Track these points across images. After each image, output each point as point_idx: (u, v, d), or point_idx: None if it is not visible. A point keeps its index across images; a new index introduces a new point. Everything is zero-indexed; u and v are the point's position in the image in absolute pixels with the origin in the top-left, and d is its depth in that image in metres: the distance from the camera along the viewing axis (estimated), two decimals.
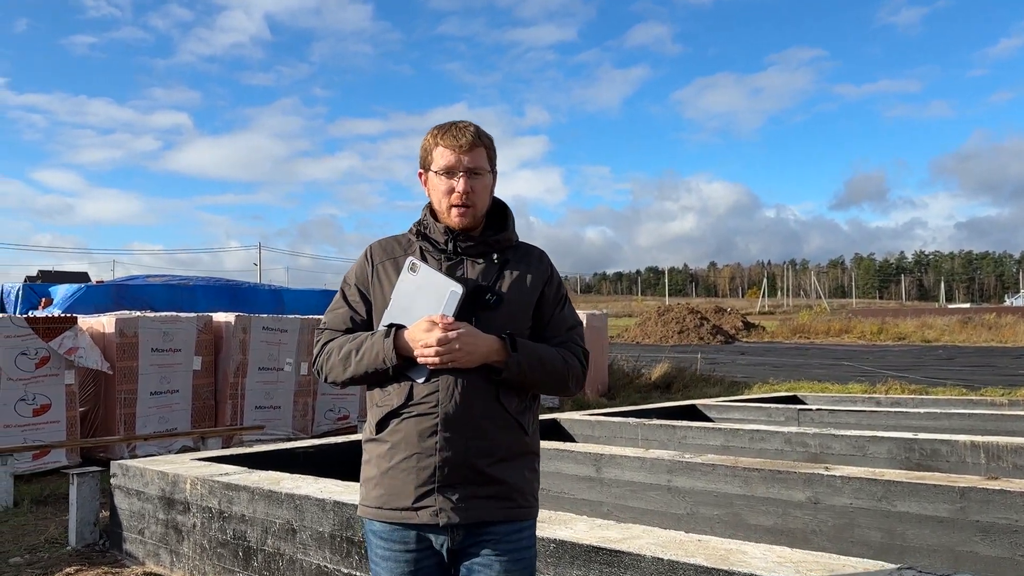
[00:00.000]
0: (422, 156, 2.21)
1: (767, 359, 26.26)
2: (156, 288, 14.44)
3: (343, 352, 2.13)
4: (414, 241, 2.20)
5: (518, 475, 2.11)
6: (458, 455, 2.03)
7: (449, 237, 2.14)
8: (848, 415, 8.47)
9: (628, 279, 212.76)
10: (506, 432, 2.09)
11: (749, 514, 4.76)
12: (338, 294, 2.27)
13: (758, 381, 16.74)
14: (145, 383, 9.50)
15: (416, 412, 2.05)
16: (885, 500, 4.29)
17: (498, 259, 2.17)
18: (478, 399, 2.05)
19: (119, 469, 5.64)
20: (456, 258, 2.14)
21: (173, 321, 9.96)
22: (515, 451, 2.11)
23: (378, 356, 2.06)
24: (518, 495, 2.10)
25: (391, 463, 2.07)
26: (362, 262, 2.25)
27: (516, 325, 2.12)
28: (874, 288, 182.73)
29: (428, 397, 2.05)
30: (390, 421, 2.09)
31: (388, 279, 2.17)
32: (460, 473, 2.03)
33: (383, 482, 2.09)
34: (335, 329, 2.22)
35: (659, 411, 9.11)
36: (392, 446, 2.08)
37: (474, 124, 2.18)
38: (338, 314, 2.24)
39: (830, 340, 40.09)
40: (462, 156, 2.12)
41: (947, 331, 39.44)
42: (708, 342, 36.20)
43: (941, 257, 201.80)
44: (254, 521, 4.52)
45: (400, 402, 2.07)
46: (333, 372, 2.16)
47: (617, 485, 5.37)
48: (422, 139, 2.23)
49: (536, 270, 2.20)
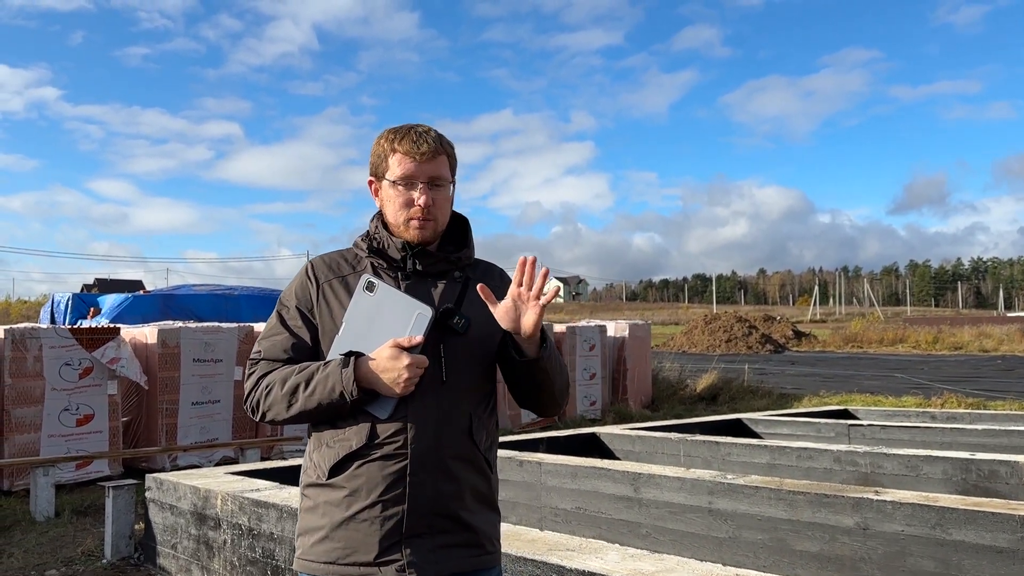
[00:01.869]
0: (374, 162, 1.97)
1: (817, 370, 25.68)
2: (201, 298, 14.63)
3: (288, 385, 1.83)
4: (363, 257, 1.96)
5: (485, 519, 1.91)
6: (428, 501, 1.81)
7: (407, 253, 1.92)
8: (901, 431, 8.15)
9: (675, 286, 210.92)
10: (475, 473, 1.88)
11: (794, 539, 4.54)
12: (273, 318, 1.97)
13: (808, 393, 16.33)
14: (187, 393, 9.56)
15: (381, 454, 1.80)
16: (939, 528, 4.04)
17: (459, 278, 1.95)
18: (451, 437, 1.84)
19: (153, 483, 5.63)
20: (414, 277, 1.92)
21: (214, 331, 10.01)
22: (483, 493, 1.91)
23: (334, 389, 1.78)
24: (486, 541, 1.90)
25: (348, 512, 1.81)
26: (303, 281, 1.96)
27: (485, 351, 1.91)
28: (929, 295, 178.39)
29: (395, 437, 1.80)
30: (348, 465, 1.81)
31: (337, 300, 1.91)
32: (428, 521, 1.81)
33: (337, 535, 1.82)
34: (273, 359, 1.91)
35: (703, 426, 8.88)
36: (350, 493, 1.81)
37: (434, 128, 1.96)
38: (276, 341, 1.92)
39: (883, 349, 39.13)
40: (423, 165, 1.90)
41: (1006, 340, 38.20)
42: (757, 351, 35.59)
43: (1000, 263, 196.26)
44: (283, 540, 4.45)
45: (361, 443, 1.81)
46: (274, 409, 1.85)
47: (656, 506, 5.18)
48: (374, 143, 1.98)
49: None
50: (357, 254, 1.99)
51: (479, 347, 1.90)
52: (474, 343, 1.89)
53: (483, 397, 1.96)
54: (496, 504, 1.97)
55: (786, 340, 41.22)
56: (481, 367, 1.94)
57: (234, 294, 15.63)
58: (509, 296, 1.83)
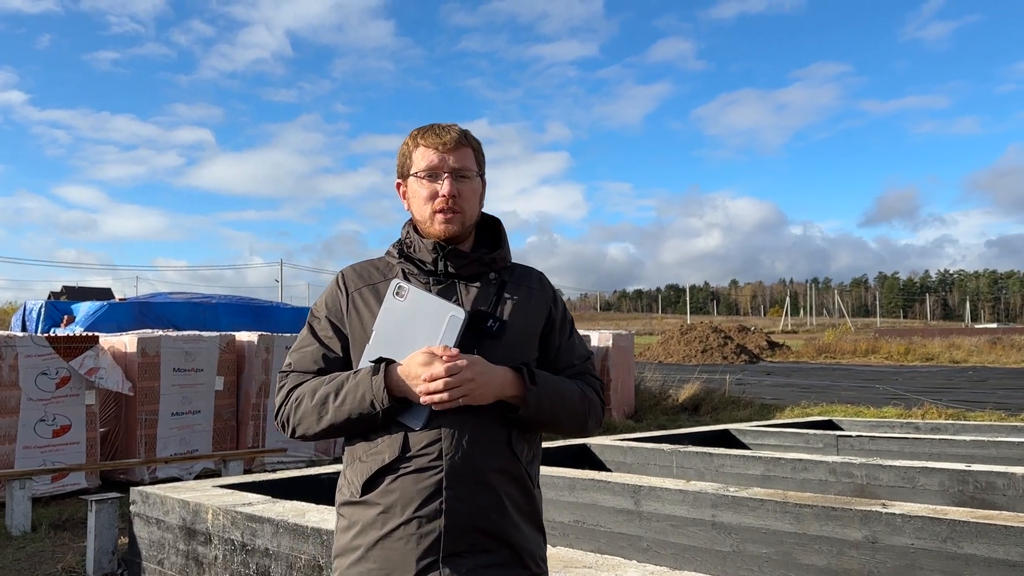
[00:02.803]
0: (400, 163, 1.93)
1: (794, 380, 25.81)
2: (178, 306, 14.36)
3: (317, 396, 1.77)
4: (394, 264, 1.90)
5: (529, 537, 1.81)
6: (466, 517, 1.71)
7: (439, 255, 1.84)
8: (889, 442, 8.16)
9: (648, 297, 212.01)
10: (516, 486, 1.79)
11: (801, 553, 4.48)
12: (305, 329, 1.92)
13: (788, 403, 16.37)
14: (166, 404, 9.34)
15: (414, 467, 1.71)
16: (950, 541, 4.00)
17: (495, 280, 1.87)
18: (488, 448, 1.74)
19: (139, 496, 5.45)
20: (446, 280, 1.85)
21: (195, 340, 9.81)
22: (524, 508, 1.81)
23: (364, 398, 1.71)
24: (530, 560, 1.80)
25: (383, 531, 1.72)
26: (334, 291, 1.91)
27: (521, 356, 1.82)
28: (898, 307, 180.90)
29: (429, 448, 1.71)
30: (382, 479, 1.73)
31: (368, 309, 1.84)
32: (468, 538, 1.71)
33: (373, 555, 1.73)
34: (304, 371, 1.85)
35: (692, 436, 8.83)
36: (385, 510, 1.72)
37: (459, 125, 1.93)
38: (306, 353, 1.87)
39: (857, 360, 39.50)
40: (447, 155, 1.85)
41: (976, 352, 38.77)
42: (732, 361, 35.74)
43: (966, 276, 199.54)
44: (278, 555, 4.31)
45: (394, 455, 1.73)
46: (305, 422, 1.79)
47: (657, 519, 5.11)
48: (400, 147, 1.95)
49: (538, 294, 1.91)
50: (388, 262, 1.93)
51: (516, 351, 1.81)
52: (510, 347, 1.80)
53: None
54: (541, 522, 1.87)
55: (760, 350, 41.47)
56: None
57: (211, 302, 15.37)
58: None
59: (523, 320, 1.84)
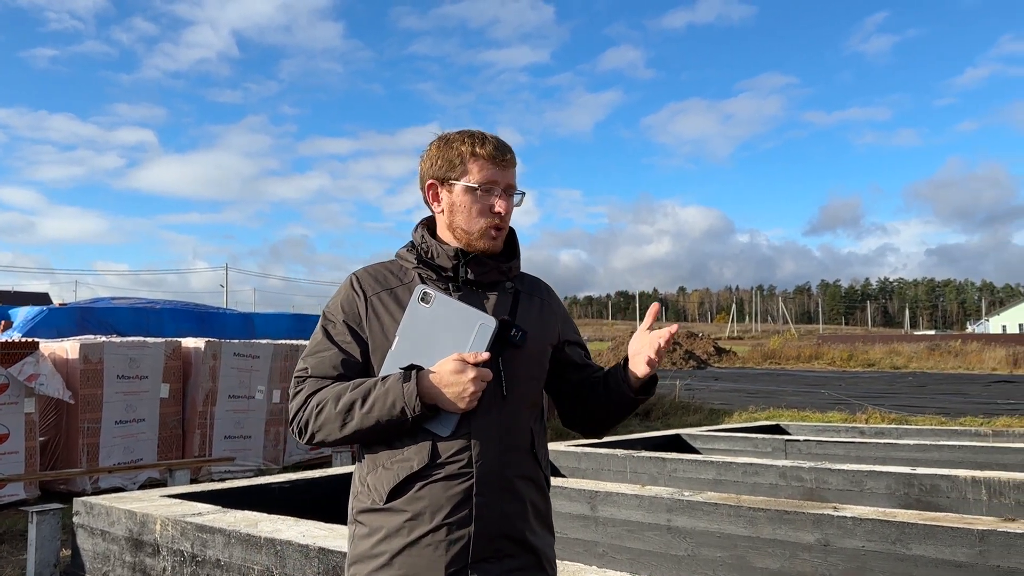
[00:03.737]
0: (444, 165, 1.87)
1: (741, 385, 26.21)
2: (122, 311, 13.99)
3: (342, 403, 1.73)
4: (410, 268, 1.88)
5: (547, 542, 1.85)
6: (495, 523, 1.72)
7: (459, 262, 1.84)
8: (836, 446, 8.32)
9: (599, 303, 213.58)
10: (537, 492, 1.83)
11: (755, 556, 4.54)
12: (318, 334, 1.87)
13: (736, 408, 16.61)
14: (110, 412, 9.09)
15: (444, 474, 1.71)
16: (899, 543, 4.09)
17: (511, 289, 1.89)
18: (515, 454, 1.78)
19: (83, 507, 5.29)
20: (465, 287, 1.84)
21: (140, 347, 9.57)
22: (543, 513, 1.85)
23: (395, 405, 1.68)
24: (547, 564, 1.84)
25: (410, 538, 1.71)
26: (350, 295, 1.87)
27: (540, 366, 1.88)
28: (840, 314, 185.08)
29: (458, 455, 1.72)
30: (410, 487, 1.72)
31: (388, 314, 1.82)
32: (495, 544, 1.73)
33: (400, 562, 1.72)
34: (322, 376, 1.81)
35: (644, 441, 8.90)
36: (413, 516, 1.71)
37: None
38: (325, 358, 1.82)
39: (801, 366, 40.28)
40: (504, 172, 1.86)
41: (915, 358, 39.84)
42: (681, 367, 36.18)
43: (905, 284, 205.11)
44: (230, 567, 4.21)
45: (423, 463, 1.72)
46: (325, 429, 1.75)
47: (613, 524, 5.12)
48: (437, 145, 1.90)
49: (548, 305, 1.96)
50: (403, 265, 1.91)
51: (535, 360, 1.87)
52: (530, 356, 1.84)
53: (539, 412, 1.91)
54: (553, 525, 1.91)
55: (708, 356, 42.06)
56: (537, 381, 1.89)
57: (156, 308, 15.01)
58: (642, 335, 1.82)
59: (540, 330, 1.88)
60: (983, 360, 37.01)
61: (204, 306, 17.76)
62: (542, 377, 1.92)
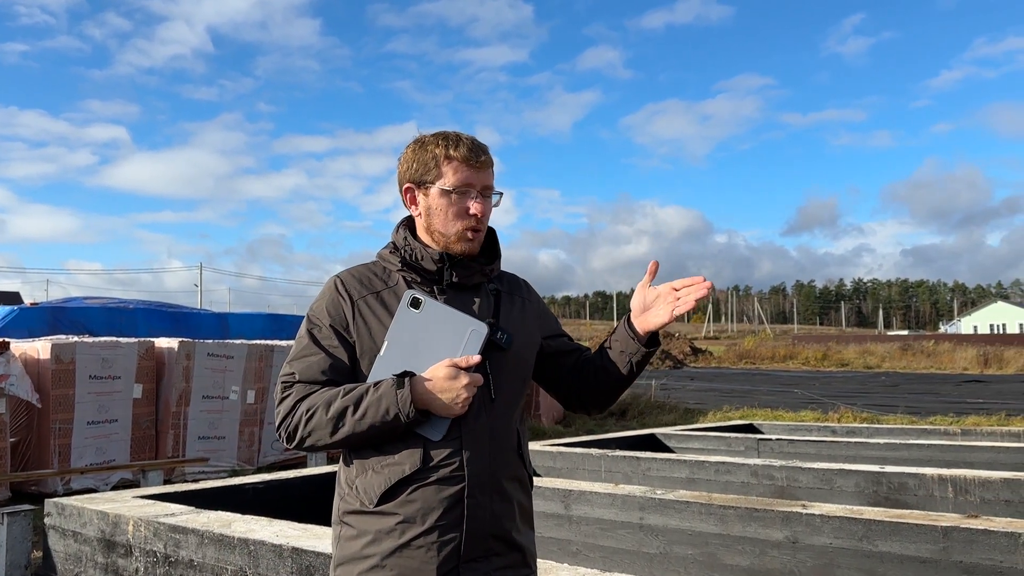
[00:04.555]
0: (419, 168, 1.88)
1: (716, 385, 26.42)
2: (94, 311, 13.87)
3: (334, 409, 1.73)
4: (394, 271, 1.88)
5: (529, 538, 1.89)
6: (485, 524, 1.75)
7: (444, 265, 1.84)
8: (808, 445, 8.43)
9: (577, 303, 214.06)
10: (522, 491, 1.87)
11: (725, 554, 4.60)
12: (304, 337, 1.84)
13: (711, 408, 16.74)
14: (82, 412, 9.02)
15: (436, 477, 1.73)
16: (866, 540, 4.17)
17: (493, 291, 1.92)
18: (504, 456, 1.81)
19: (54, 508, 5.26)
20: (450, 290, 1.85)
21: (112, 347, 9.50)
22: (527, 512, 1.89)
23: (388, 411, 1.69)
24: (531, 560, 1.88)
25: (401, 540, 1.72)
26: (335, 298, 1.85)
27: (526, 366, 1.91)
28: (814, 314, 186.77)
29: (451, 459, 1.74)
30: (402, 490, 1.73)
31: (376, 318, 1.81)
32: (485, 544, 1.76)
33: (391, 563, 1.73)
34: (310, 381, 1.79)
35: (619, 441, 8.96)
36: (404, 519, 1.73)
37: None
38: (312, 362, 1.81)
39: (776, 366, 40.65)
40: (480, 173, 1.86)
41: (888, 358, 40.32)
42: (657, 367, 36.36)
43: (879, 284, 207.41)
44: (203, 567, 4.21)
45: (415, 467, 1.73)
46: (316, 434, 1.75)
47: (587, 523, 5.17)
48: (412, 148, 1.90)
49: (528, 301, 1.99)
50: (387, 268, 1.91)
51: (520, 361, 1.89)
52: (515, 358, 1.87)
53: (521, 413, 1.95)
54: (533, 521, 1.95)
55: (684, 356, 42.34)
56: (521, 381, 1.92)
57: (129, 307, 14.89)
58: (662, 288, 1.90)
59: (524, 330, 1.91)
60: (955, 360, 37.55)
61: (178, 306, 17.64)
62: (527, 377, 1.94)
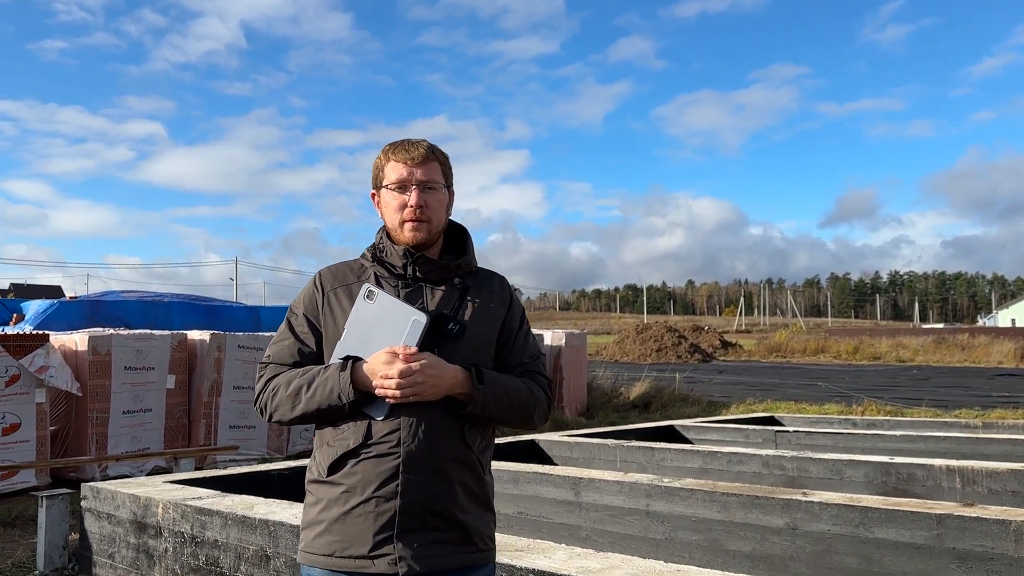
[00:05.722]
0: (374, 175, 2.12)
1: (744, 378, 26.37)
2: (131, 304, 14.27)
3: (291, 388, 1.97)
4: (367, 267, 2.09)
5: (478, 518, 1.99)
6: (420, 500, 1.90)
7: (408, 261, 2.03)
8: (824, 437, 8.50)
9: (607, 296, 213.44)
10: (468, 473, 1.97)
11: (727, 539, 4.74)
12: (283, 324, 2.11)
13: (735, 401, 16.78)
14: (117, 402, 9.36)
15: (375, 453, 1.91)
16: (863, 527, 4.29)
17: (459, 285, 2.06)
18: (443, 438, 1.93)
19: (90, 492, 5.54)
20: (414, 284, 2.03)
21: (147, 339, 9.83)
22: (475, 493, 1.99)
23: (332, 391, 1.91)
24: (479, 539, 1.99)
25: (345, 507, 1.92)
26: (311, 290, 2.10)
27: (479, 356, 2.02)
28: (849, 307, 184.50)
29: (388, 436, 1.91)
30: (346, 462, 1.93)
31: (341, 308, 2.03)
32: (420, 518, 1.91)
33: (335, 528, 1.93)
34: (280, 363, 2.05)
35: (637, 432, 9.10)
36: (347, 489, 1.92)
37: (428, 141, 2.12)
38: (284, 346, 2.07)
39: (806, 359, 40.36)
40: (414, 169, 2.04)
41: (921, 351, 39.84)
42: (686, 360, 36.30)
43: (915, 277, 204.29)
44: (227, 547, 4.45)
45: (357, 442, 1.92)
46: (280, 410, 1.99)
47: (595, 509, 5.34)
48: (374, 162, 2.14)
49: (498, 298, 2.11)
50: (362, 264, 2.11)
51: (473, 353, 1.99)
52: (468, 348, 1.98)
53: None
54: (490, 503, 2.06)
55: (714, 350, 42.19)
56: None
57: (164, 301, 15.28)
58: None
59: (482, 323, 2.03)
60: (990, 354, 36.99)
61: (211, 299, 18.04)
62: (484, 366, 2.02)
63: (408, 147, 2.07)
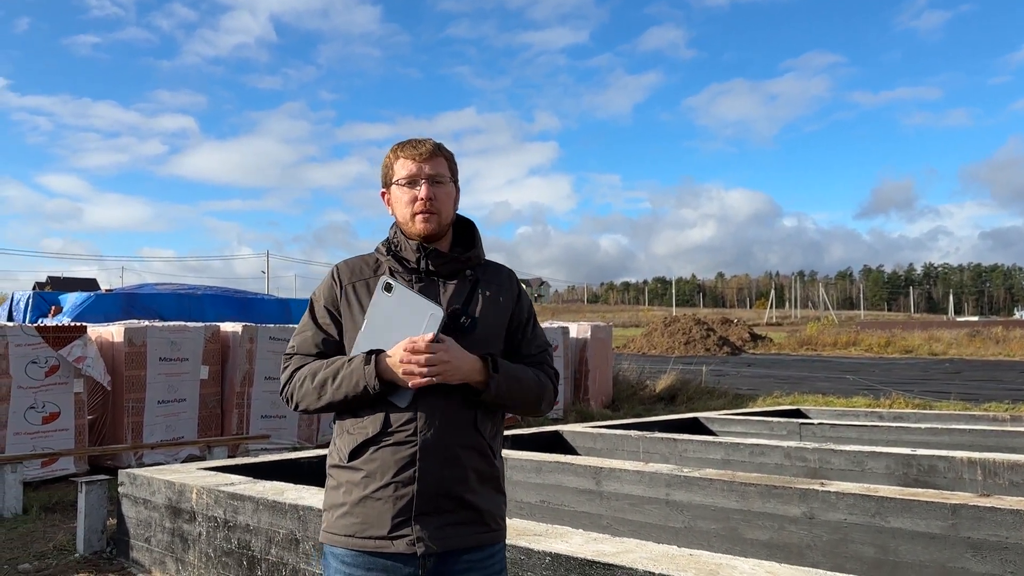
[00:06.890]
0: (384, 174, 2.22)
1: (773, 371, 26.26)
2: (165, 297, 14.59)
3: (318, 379, 2.08)
4: (383, 261, 2.19)
5: (490, 500, 2.11)
6: (434, 484, 2.02)
7: (421, 255, 2.13)
8: (849, 430, 8.52)
9: (636, 289, 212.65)
10: (479, 458, 2.08)
11: (745, 528, 4.82)
12: (305, 316, 2.21)
13: (763, 394, 16.76)
14: (153, 392, 9.61)
15: (393, 441, 2.02)
16: (879, 516, 4.35)
17: (471, 278, 2.16)
18: (457, 427, 2.04)
19: (127, 478, 5.74)
20: (428, 279, 2.13)
21: (181, 331, 10.08)
22: (486, 476, 2.10)
23: (358, 383, 2.01)
24: (490, 520, 2.10)
25: (366, 492, 2.03)
26: (329, 283, 2.20)
27: (490, 347, 2.11)
28: (882, 300, 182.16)
29: (406, 425, 2.02)
30: (366, 449, 2.05)
31: (359, 301, 2.14)
32: (436, 502, 2.02)
33: (356, 511, 2.04)
34: (305, 353, 2.16)
35: (661, 424, 9.17)
36: (368, 475, 2.04)
37: (433, 139, 2.23)
38: (307, 337, 2.18)
39: (837, 352, 40.01)
40: (423, 164, 2.14)
41: (955, 344, 39.34)
42: (714, 353, 36.18)
43: (951, 269, 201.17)
44: (258, 531, 4.61)
45: (376, 430, 2.04)
46: (306, 400, 2.10)
47: (616, 498, 5.44)
48: (382, 161, 2.24)
49: (507, 291, 2.20)
50: (377, 258, 2.21)
51: (484, 345, 2.09)
52: (480, 341, 2.08)
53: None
54: (502, 486, 2.18)
55: (743, 343, 41.95)
56: None
57: (197, 294, 15.59)
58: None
59: (492, 316, 2.13)
60: None
61: (243, 292, 18.35)
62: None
63: (416, 144, 2.17)
